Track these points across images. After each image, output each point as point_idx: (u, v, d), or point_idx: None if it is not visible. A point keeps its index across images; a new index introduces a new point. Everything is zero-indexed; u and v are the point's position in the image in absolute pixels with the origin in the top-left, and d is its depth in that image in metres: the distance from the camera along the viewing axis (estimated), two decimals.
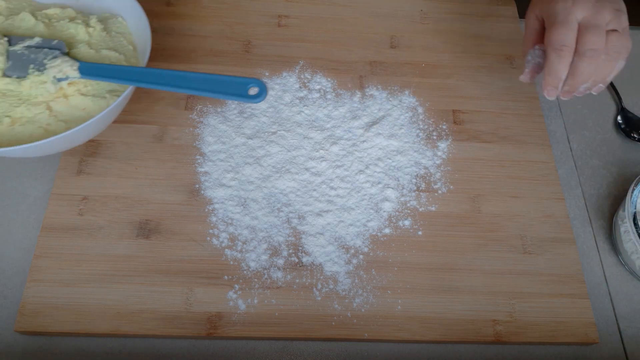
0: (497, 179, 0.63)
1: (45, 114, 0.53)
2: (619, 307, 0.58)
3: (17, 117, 0.52)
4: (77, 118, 0.54)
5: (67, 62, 0.54)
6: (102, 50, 0.58)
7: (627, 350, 0.56)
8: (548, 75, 0.53)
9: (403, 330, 0.53)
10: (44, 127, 0.53)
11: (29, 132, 0.52)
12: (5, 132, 0.52)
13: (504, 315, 0.55)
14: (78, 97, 0.54)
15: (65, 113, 0.54)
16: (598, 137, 0.70)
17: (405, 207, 0.60)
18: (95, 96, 0.55)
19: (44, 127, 0.53)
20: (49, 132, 0.52)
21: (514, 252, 0.59)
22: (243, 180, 0.60)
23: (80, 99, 0.54)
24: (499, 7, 0.79)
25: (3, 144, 0.51)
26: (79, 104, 0.54)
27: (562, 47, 0.51)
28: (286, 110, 0.65)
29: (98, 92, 0.55)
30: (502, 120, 0.68)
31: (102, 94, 0.55)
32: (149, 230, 0.56)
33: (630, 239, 0.58)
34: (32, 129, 0.52)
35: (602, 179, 0.67)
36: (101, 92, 0.55)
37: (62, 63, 0.53)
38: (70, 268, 0.53)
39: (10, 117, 0.52)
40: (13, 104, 0.53)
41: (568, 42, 0.51)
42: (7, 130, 0.52)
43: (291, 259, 0.56)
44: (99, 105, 0.54)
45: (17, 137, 0.52)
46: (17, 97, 0.53)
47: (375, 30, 0.74)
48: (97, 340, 0.52)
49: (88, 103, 0.54)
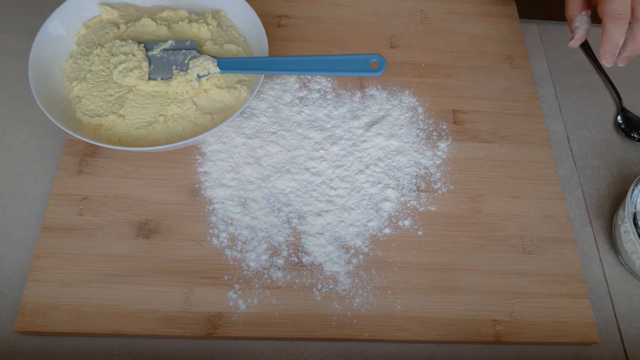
0: (497, 179, 0.63)
1: (193, 108, 0.58)
2: (619, 307, 0.58)
3: (169, 115, 0.58)
4: (217, 109, 0.59)
5: (209, 60, 0.59)
6: (224, 44, 0.62)
7: (627, 350, 0.56)
8: (606, 43, 0.56)
9: (403, 330, 0.53)
10: (193, 121, 0.58)
11: (181, 126, 0.58)
12: (161, 129, 0.57)
13: (504, 315, 0.55)
14: (215, 90, 0.59)
15: (208, 106, 0.59)
16: (598, 137, 0.70)
17: (405, 207, 0.60)
18: (229, 87, 0.60)
19: (193, 121, 0.58)
20: (198, 125, 0.58)
21: (514, 252, 0.59)
22: (243, 180, 0.60)
23: (217, 92, 0.59)
24: (499, 7, 0.78)
25: (161, 140, 0.57)
26: (216, 96, 0.59)
27: (619, 15, 0.53)
28: (286, 110, 0.65)
29: (230, 84, 0.60)
30: (502, 120, 0.68)
31: (233, 85, 0.60)
32: (149, 230, 0.56)
33: (630, 239, 0.58)
34: (183, 123, 0.58)
35: (602, 179, 0.67)
36: (232, 83, 0.60)
37: (205, 61, 0.58)
38: (70, 268, 0.53)
39: (164, 115, 0.57)
40: (163, 103, 0.58)
41: (624, 10, 0.54)
42: (163, 127, 0.57)
43: (291, 259, 0.56)
44: (233, 96, 0.59)
45: (172, 132, 0.57)
46: (166, 97, 0.58)
47: (375, 30, 0.74)
48: (97, 340, 0.52)
49: (224, 94, 0.59)
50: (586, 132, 0.70)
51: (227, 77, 0.60)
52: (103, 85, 0.58)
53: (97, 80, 0.59)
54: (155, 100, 0.58)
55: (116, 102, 0.58)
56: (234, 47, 0.63)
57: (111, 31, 0.62)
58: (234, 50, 0.62)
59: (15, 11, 0.72)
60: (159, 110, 0.57)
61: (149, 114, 0.57)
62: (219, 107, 0.59)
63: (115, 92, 0.58)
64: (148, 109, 0.57)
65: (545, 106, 0.72)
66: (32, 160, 0.61)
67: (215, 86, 0.59)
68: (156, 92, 0.58)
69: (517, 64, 0.73)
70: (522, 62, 0.73)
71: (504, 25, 0.77)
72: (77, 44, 0.62)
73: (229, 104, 0.60)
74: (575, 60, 0.77)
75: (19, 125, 0.64)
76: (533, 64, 0.75)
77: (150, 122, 0.57)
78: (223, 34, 0.64)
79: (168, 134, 0.57)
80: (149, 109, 0.57)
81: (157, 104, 0.58)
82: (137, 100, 0.58)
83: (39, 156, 0.62)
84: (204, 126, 0.58)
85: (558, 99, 0.73)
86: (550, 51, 0.77)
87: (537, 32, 0.79)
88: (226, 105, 0.60)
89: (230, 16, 0.66)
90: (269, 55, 0.61)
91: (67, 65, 0.61)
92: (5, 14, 0.72)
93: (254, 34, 0.64)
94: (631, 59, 0.59)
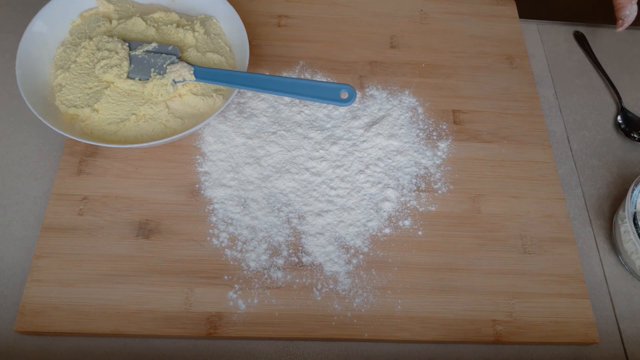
0: (497, 179, 0.63)
1: (165, 111, 0.59)
2: (619, 307, 0.58)
3: (141, 115, 0.58)
4: (189, 115, 0.60)
5: (185, 68, 0.59)
6: (207, 53, 0.63)
7: (627, 350, 0.56)
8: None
9: (403, 330, 0.53)
10: (163, 123, 0.59)
11: (152, 127, 0.58)
12: (132, 128, 0.58)
13: (504, 315, 0.55)
14: (190, 96, 0.60)
15: (180, 110, 0.60)
16: (598, 137, 0.70)
17: (405, 207, 0.60)
18: (204, 95, 0.60)
19: (164, 123, 0.59)
20: (168, 128, 0.59)
21: (514, 252, 0.59)
22: (243, 180, 0.60)
23: (192, 98, 0.60)
24: (499, 7, 0.78)
25: (130, 139, 0.57)
26: (191, 102, 0.60)
27: None
28: (286, 110, 0.65)
29: (206, 92, 0.61)
30: (502, 120, 0.68)
31: (209, 93, 0.61)
32: (149, 230, 0.56)
33: (630, 239, 0.58)
34: (154, 124, 0.58)
35: (602, 179, 0.67)
36: (208, 91, 0.61)
37: (181, 68, 0.59)
38: (70, 268, 0.53)
39: (136, 114, 0.58)
40: (137, 102, 0.58)
41: None
42: (134, 126, 0.58)
43: (291, 259, 0.56)
44: (207, 103, 0.60)
45: (142, 132, 0.58)
46: (141, 97, 0.59)
47: (375, 30, 0.74)
48: (97, 340, 0.52)
49: (199, 101, 0.60)
50: (586, 132, 0.70)
51: (206, 85, 0.61)
52: (84, 78, 0.59)
53: (80, 72, 0.59)
54: (130, 99, 0.58)
55: (93, 95, 0.58)
56: (217, 57, 0.63)
57: (103, 25, 0.63)
58: (216, 59, 0.63)
59: (15, 11, 0.72)
60: (132, 109, 0.58)
61: (122, 111, 0.58)
62: (191, 113, 0.60)
63: (94, 85, 0.59)
64: (122, 106, 0.58)
65: (545, 106, 0.72)
66: (32, 160, 0.61)
67: (191, 92, 0.60)
68: (132, 91, 0.59)
69: (517, 64, 0.73)
70: (522, 62, 0.73)
71: (504, 25, 0.77)
72: (70, 32, 0.63)
73: (202, 111, 0.60)
74: (575, 60, 0.77)
75: (19, 125, 0.64)
76: (533, 64, 0.75)
77: (122, 119, 0.58)
78: (209, 42, 0.64)
79: (138, 133, 0.58)
80: (123, 106, 0.58)
81: (131, 102, 0.58)
82: (113, 96, 0.58)
83: (39, 156, 0.62)
84: (174, 129, 0.58)
85: (558, 99, 0.73)
86: (550, 51, 0.77)
87: (537, 32, 0.79)
88: (199, 112, 0.60)
89: (221, 23, 0.67)
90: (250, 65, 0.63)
91: (57, 53, 0.62)
92: (5, 14, 0.72)
93: (239, 44, 0.64)
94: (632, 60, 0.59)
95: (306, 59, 0.70)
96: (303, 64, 0.70)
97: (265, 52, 0.70)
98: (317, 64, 0.70)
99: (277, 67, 0.69)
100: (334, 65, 0.70)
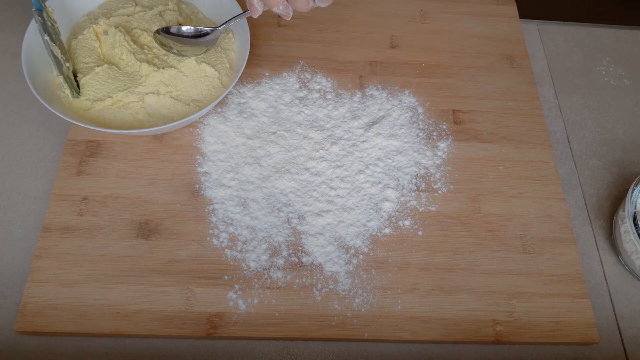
0: (497, 179, 0.63)
1: (138, 104, 0.59)
2: (619, 307, 0.58)
3: (117, 100, 0.58)
4: (160, 114, 0.60)
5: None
6: (202, 63, 0.62)
7: (627, 350, 0.56)
8: None
9: (403, 330, 0.53)
10: (132, 115, 0.59)
11: (121, 115, 0.58)
12: (104, 109, 0.58)
13: (504, 315, 0.55)
14: (168, 98, 0.60)
15: (153, 107, 0.59)
16: (598, 137, 0.70)
17: (405, 207, 0.60)
18: (181, 102, 0.60)
19: (133, 115, 0.59)
20: (135, 120, 0.59)
21: (514, 252, 0.59)
22: (243, 180, 0.60)
23: (169, 100, 0.60)
24: (499, 7, 0.78)
25: (99, 120, 0.58)
26: (166, 103, 0.60)
27: None
28: (286, 110, 0.65)
29: (185, 99, 0.60)
30: (502, 120, 0.68)
31: (187, 102, 0.60)
32: (149, 230, 0.56)
33: (630, 239, 0.58)
34: (125, 113, 0.58)
35: (602, 179, 0.67)
36: (187, 100, 0.61)
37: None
38: (70, 268, 0.53)
39: (112, 98, 0.58)
40: (119, 87, 0.59)
41: None
42: (106, 109, 0.58)
43: (291, 259, 0.56)
44: (181, 110, 0.60)
45: (110, 117, 0.58)
46: (124, 83, 0.59)
47: (375, 30, 0.74)
48: (97, 340, 0.52)
49: (174, 105, 0.60)
50: (586, 132, 0.70)
51: (187, 93, 0.61)
52: (85, 52, 0.61)
53: (83, 45, 0.61)
54: (113, 82, 0.59)
55: (85, 70, 0.59)
56: (210, 70, 0.62)
57: (127, 7, 0.64)
58: (208, 72, 0.62)
59: (15, 11, 0.72)
60: (110, 92, 0.58)
61: (103, 91, 0.58)
62: (163, 114, 0.60)
63: (90, 61, 0.60)
64: (105, 86, 0.59)
65: (545, 106, 0.72)
66: (32, 160, 0.61)
67: (169, 95, 0.60)
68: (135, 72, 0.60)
69: (517, 64, 0.73)
70: (522, 62, 0.73)
71: (504, 25, 0.77)
72: (100, 6, 0.65)
73: (174, 115, 0.60)
74: (575, 60, 0.77)
75: (19, 125, 0.64)
76: (533, 64, 0.75)
77: (99, 98, 0.58)
78: (213, 53, 0.63)
79: (107, 118, 0.58)
80: (106, 87, 0.58)
81: (112, 86, 0.58)
82: (101, 75, 0.59)
83: (39, 156, 0.62)
84: (140, 124, 0.59)
85: (558, 99, 0.73)
86: (550, 51, 0.77)
87: (537, 32, 0.79)
88: (171, 114, 0.60)
89: (236, 41, 0.66)
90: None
91: (80, 21, 0.64)
92: (5, 14, 0.72)
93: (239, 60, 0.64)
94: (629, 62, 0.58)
95: (306, 59, 0.70)
96: (303, 63, 0.70)
97: (265, 52, 0.70)
98: (317, 64, 0.70)
99: (277, 67, 0.69)
100: (334, 65, 0.70)
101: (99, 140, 0.61)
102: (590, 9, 0.81)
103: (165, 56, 0.61)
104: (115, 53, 0.60)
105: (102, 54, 0.61)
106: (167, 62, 0.61)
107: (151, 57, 0.61)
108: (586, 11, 0.82)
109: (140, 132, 0.56)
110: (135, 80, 0.59)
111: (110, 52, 0.61)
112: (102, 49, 0.61)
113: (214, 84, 0.61)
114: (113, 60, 0.61)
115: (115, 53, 0.60)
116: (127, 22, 0.63)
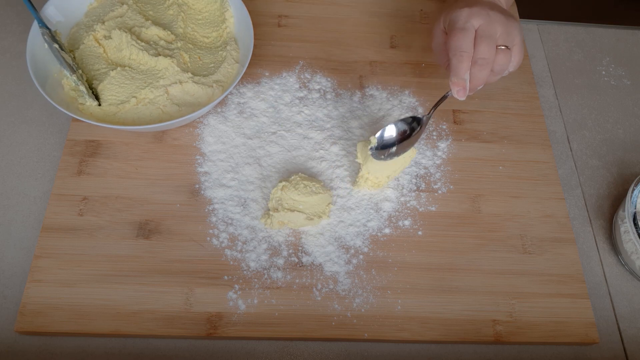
0: (497, 179, 0.63)
1: (164, 97, 0.60)
2: (619, 307, 0.58)
3: (141, 98, 0.59)
4: (187, 103, 0.60)
5: None
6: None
7: (627, 350, 0.56)
8: (454, 77, 0.54)
9: (403, 330, 0.53)
10: (161, 108, 0.59)
11: (150, 111, 0.59)
12: (131, 110, 0.59)
13: (504, 315, 0.55)
14: (190, 84, 0.60)
15: (179, 97, 0.60)
16: (598, 137, 0.70)
17: (405, 207, 0.60)
18: (204, 85, 0.61)
19: (161, 108, 0.59)
20: (165, 113, 0.59)
21: (514, 252, 0.59)
22: (243, 180, 0.60)
23: (192, 86, 0.60)
24: None
25: (128, 121, 0.58)
26: (190, 90, 0.60)
27: (462, 52, 0.53)
28: (286, 110, 0.65)
29: (207, 82, 0.61)
30: (502, 120, 0.68)
31: (209, 83, 0.61)
32: (149, 230, 0.56)
33: (630, 239, 0.58)
34: (152, 109, 0.59)
35: (602, 179, 0.67)
36: (209, 81, 0.61)
37: None
38: (70, 268, 0.53)
39: (136, 97, 0.59)
40: (139, 86, 0.59)
41: (466, 48, 0.53)
42: (133, 109, 0.59)
43: (291, 259, 0.56)
44: (206, 93, 0.61)
45: (140, 116, 0.59)
46: (143, 80, 0.60)
47: (375, 30, 0.74)
48: (97, 340, 0.52)
49: (197, 90, 0.60)
50: (586, 132, 0.70)
51: (207, 76, 0.62)
52: (92, 60, 0.61)
53: (88, 54, 0.61)
54: (133, 82, 0.59)
55: (98, 77, 0.60)
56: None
57: (116, 10, 0.64)
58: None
59: (15, 11, 0.72)
60: (133, 92, 0.59)
61: (124, 93, 0.59)
62: (189, 101, 0.60)
63: (102, 67, 0.61)
64: (125, 88, 0.59)
65: (545, 106, 0.72)
66: (32, 160, 0.61)
67: (192, 81, 0.60)
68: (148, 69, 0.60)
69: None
70: (522, 61, 0.73)
71: None
72: (86, 15, 0.65)
73: (200, 100, 0.61)
74: (575, 60, 0.77)
75: (19, 125, 0.64)
76: (533, 64, 0.75)
77: (123, 101, 0.59)
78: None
79: (136, 117, 0.59)
80: (126, 89, 0.59)
81: (133, 85, 0.59)
82: (117, 78, 0.59)
83: (39, 156, 0.62)
84: (170, 115, 0.59)
85: (558, 99, 0.73)
86: (550, 51, 0.77)
87: (537, 32, 0.79)
88: (197, 101, 0.61)
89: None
90: None
91: (70, 32, 0.64)
92: (5, 14, 0.72)
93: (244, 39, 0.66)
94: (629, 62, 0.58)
95: (306, 58, 0.70)
96: (303, 63, 0.70)
97: (265, 52, 0.70)
98: (317, 64, 0.70)
99: (277, 67, 0.69)
100: (334, 65, 0.70)
101: (99, 140, 0.61)
102: (590, 9, 0.81)
103: (171, 44, 0.62)
104: (124, 55, 0.60)
105: (109, 58, 0.61)
106: (179, 48, 0.62)
107: (161, 49, 0.61)
108: (586, 11, 0.82)
109: (147, 128, 0.57)
110: (154, 75, 0.60)
111: (117, 54, 0.61)
112: (107, 53, 0.61)
113: (229, 62, 0.63)
114: (122, 62, 0.61)
115: (124, 55, 0.60)
116: (123, 23, 0.63)
